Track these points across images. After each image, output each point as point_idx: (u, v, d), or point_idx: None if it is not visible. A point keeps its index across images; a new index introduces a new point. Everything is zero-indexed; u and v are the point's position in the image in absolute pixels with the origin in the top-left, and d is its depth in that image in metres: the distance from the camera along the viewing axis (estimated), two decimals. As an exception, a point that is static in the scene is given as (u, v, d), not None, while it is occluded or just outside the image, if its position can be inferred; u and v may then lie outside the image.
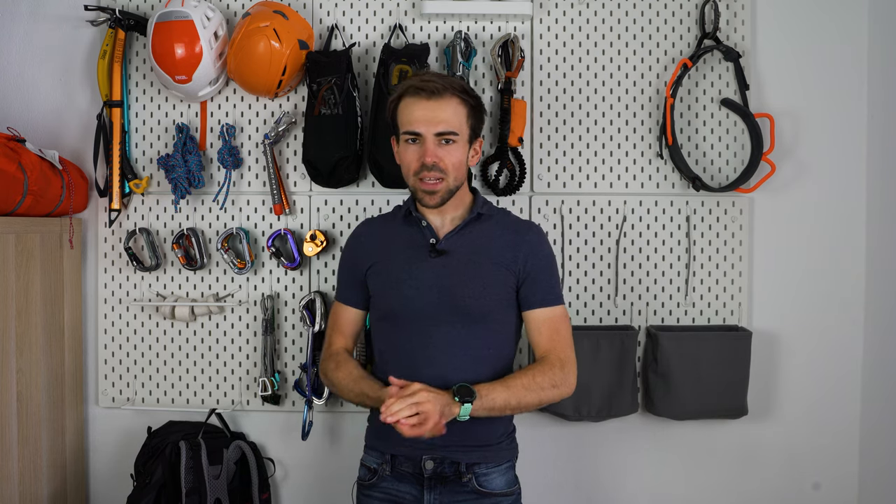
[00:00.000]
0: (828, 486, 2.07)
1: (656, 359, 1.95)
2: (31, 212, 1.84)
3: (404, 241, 1.61)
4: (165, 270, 2.05)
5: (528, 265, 1.58)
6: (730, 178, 2.02)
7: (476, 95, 1.58)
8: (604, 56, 2.03)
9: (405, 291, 1.55)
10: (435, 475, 1.54)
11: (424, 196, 1.55)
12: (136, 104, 2.05)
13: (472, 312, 1.54)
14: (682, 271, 2.04)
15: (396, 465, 1.56)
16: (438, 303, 1.53)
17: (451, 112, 1.52)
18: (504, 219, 1.67)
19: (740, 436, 2.05)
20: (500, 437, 1.59)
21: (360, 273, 1.64)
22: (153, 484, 1.86)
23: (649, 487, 2.07)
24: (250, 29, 1.82)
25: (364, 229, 1.72)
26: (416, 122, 1.51)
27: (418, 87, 1.51)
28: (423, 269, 1.56)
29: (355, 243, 1.70)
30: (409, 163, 1.55)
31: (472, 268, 1.56)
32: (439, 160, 1.51)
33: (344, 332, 1.68)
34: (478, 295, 1.54)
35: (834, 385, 2.06)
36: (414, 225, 1.62)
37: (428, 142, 1.51)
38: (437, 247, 1.57)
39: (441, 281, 1.54)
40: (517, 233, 1.62)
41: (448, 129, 1.51)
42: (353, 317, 1.69)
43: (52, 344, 1.93)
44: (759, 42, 2.03)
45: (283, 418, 2.06)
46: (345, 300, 1.69)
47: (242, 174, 2.04)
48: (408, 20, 2.02)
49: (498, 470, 1.57)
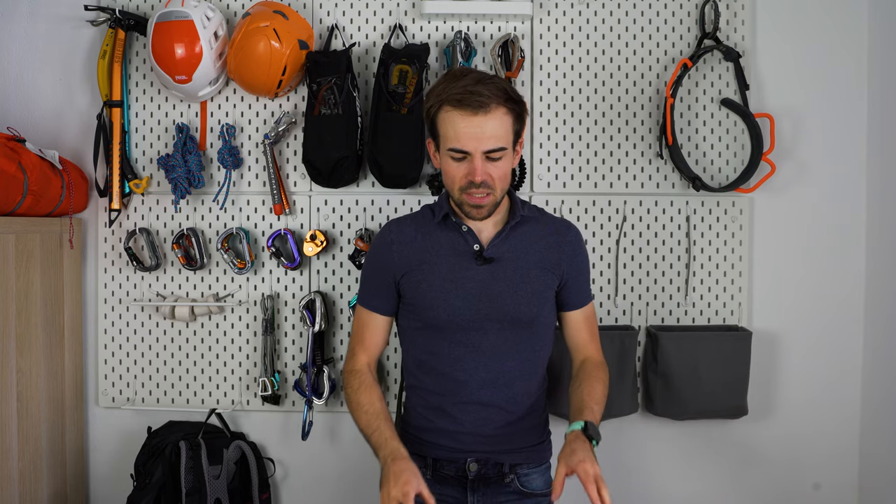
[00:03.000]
0: (828, 486, 2.07)
1: (656, 359, 1.95)
2: (31, 212, 1.84)
3: (445, 247, 1.54)
4: (165, 270, 2.05)
5: (570, 267, 1.58)
6: (730, 178, 2.02)
7: (520, 99, 1.48)
8: (604, 56, 2.03)
9: (453, 301, 1.50)
10: (479, 477, 1.54)
11: (472, 210, 1.49)
12: (136, 104, 2.05)
13: (521, 318, 1.52)
14: (682, 271, 2.04)
15: (438, 469, 1.55)
16: (489, 311, 1.50)
17: (498, 126, 1.42)
18: (543, 218, 1.62)
19: (740, 436, 2.05)
20: (540, 437, 1.61)
21: (392, 279, 1.56)
22: (153, 484, 1.86)
23: (649, 487, 2.07)
24: (250, 29, 1.82)
25: (396, 234, 1.59)
26: (463, 140, 1.42)
27: (461, 101, 1.41)
28: (469, 277, 1.51)
29: (385, 247, 1.58)
30: (454, 177, 1.47)
31: (520, 274, 1.52)
32: (488, 177, 1.44)
33: (369, 344, 1.60)
34: (527, 300, 1.52)
35: (834, 385, 2.06)
36: (454, 229, 1.55)
37: (476, 160, 1.43)
38: (485, 254, 1.52)
39: (490, 289, 1.51)
40: (558, 233, 1.59)
41: (497, 146, 1.43)
42: (380, 324, 1.60)
43: (52, 344, 1.93)
44: (759, 42, 2.03)
45: (283, 418, 2.06)
46: (371, 307, 1.60)
47: (242, 174, 2.04)
48: (408, 20, 2.02)
49: (538, 470, 1.58)
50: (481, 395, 1.52)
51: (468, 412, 1.53)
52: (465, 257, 1.53)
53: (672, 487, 2.07)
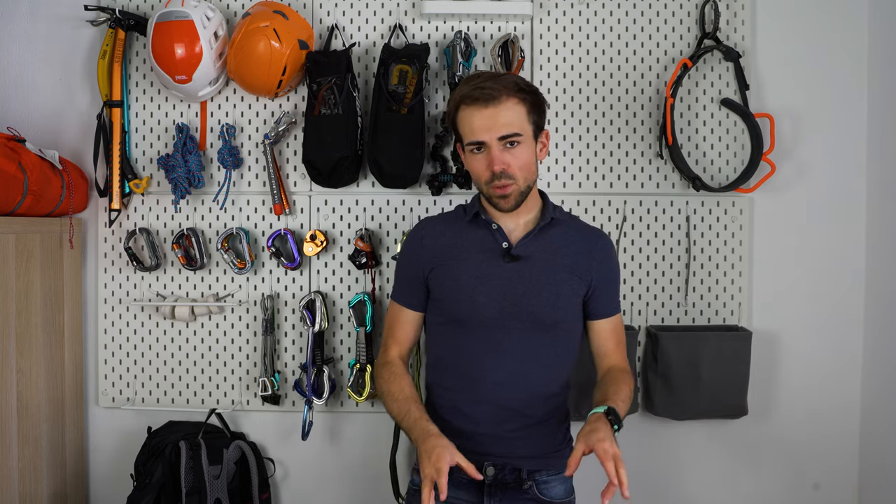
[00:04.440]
0: (828, 486, 2.07)
1: (656, 359, 1.95)
2: (31, 212, 1.84)
3: (474, 243, 1.56)
4: (165, 270, 2.05)
5: (600, 275, 1.57)
6: (730, 178, 2.02)
7: (534, 89, 1.52)
8: (604, 56, 2.03)
9: (477, 298, 1.51)
10: (496, 482, 1.52)
11: (500, 201, 1.50)
12: (136, 104, 2.05)
13: (544, 320, 1.52)
14: (682, 271, 2.04)
15: (455, 472, 1.50)
16: (512, 310, 1.51)
17: (510, 114, 1.47)
18: (574, 224, 1.64)
19: (740, 436, 2.05)
20: (559, 444, 1.58)
21: (422, 273, 1.58)
22: (153, 484, 1.86)
23: (649, 487, 2.06)
24: (250, 29, 1.82)
25: (427, 228, 1.63)
26: (478, 131, 1.47)
27: (473, 97, 1.47)
28: (496, 274, 1.52)
29: (416, 242, 1.62)
30: (478, 172, 1.51)
31: (546, 275, 1.52)
32: (507, 166, 1.47)
33: (400, 338, 1.62)
34: (552, 303, 1.52)
35: (834, 385, 2.06)
36: (484, 227, 1.57)
37: (493, 149, 1.47)
38: (512, 252, 1.53)
39: (514, 288, 1.51)
40: (589, 240, 1.60)
41: (510, 132, 1.46)
42: (411, 319, 1.62)
43: (52, 344, 1.93)
44: (759, 42, 2.03)
45: (283, 418, 2.06)
46: (403, 302, 1.63)
47: (242, 174, 2.04)
48: (408, 20, 2.02)
49: (558, 478, 1.55)
50: (498, 396, 1.52)
51: (484, 412, 1.52)
52: (494, 254, 1.54)
53: (672, 487, 2.07)
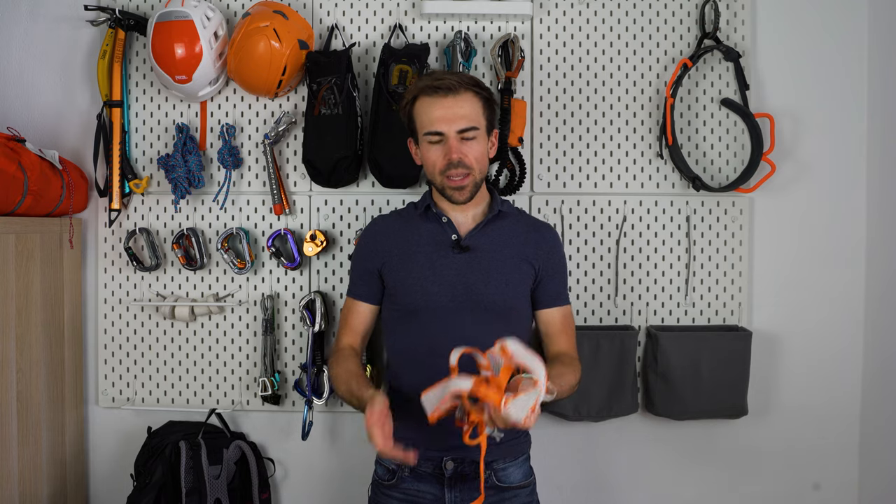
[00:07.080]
0: (828, 486, 2.07)
1: (656, 359, 1.95)
2: (31, 212, 1.84)
3: (425, 237, 1.62)
4: (165, 270, 2.05)
5: (548, 263, 1.64)
6: (730, 178, 2.02)
7: (487, 88, 1.59)
8: (604, 56, 2.03)
9: (429, 287, 1.56)
10: (455, 474, 1.56)
11: (454, 193, 1.56)
12: (136, 104, 2.05)
13: (495, 307, 1.57)
14: (682, 271, 2.04)
15: (416, 466, 1.57)
16: (463, 298, 1.56)
17: (469, 107, 1.53)
18: (522, 217, 1.71)
19: (740, 436, 2.05)
20: (517, 433, 1.60)
21: (375, 268, 1.64)
22: (153, 484, 1.86)
23: (649, 487, 2.07)
24: (250, 29, 1.82)
25: (380, 224, 1.71)
26: (438, 122, 1.53)
27: (434, 87, 1.53)
28: (446, 265, 1.58)
29: (370, 238, 1.68)
30: (433, 162, 1.56)
31: (496, 263, 1.58)
32: (464, 156, 1.53)
33: (353, 329, 1.67)
34: (500, 290, 1.57)
35: (834, 385, 2.06)
36: (434, 221, 1.63)
37: (451, 139, 1.53)
38: (461, 243, 1.59)
39: (464, 277, 1.57)
40: (537, 230, 1.67)
41: (469, 125, 1.53)
42: (365, 310, 1.67)
43: (52, 344, 1.93)
44: (759, 42, 2.03)
45: (283, 418, 2.06)
46: (357, 296, 1.68)
47: (242, 174, 2.04)
48: (408, 20, 2.02)
49: (515, 464, 1.61)
50: None
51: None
52: (444, 246, 1.60)
53: (672, 487, 2.07)
